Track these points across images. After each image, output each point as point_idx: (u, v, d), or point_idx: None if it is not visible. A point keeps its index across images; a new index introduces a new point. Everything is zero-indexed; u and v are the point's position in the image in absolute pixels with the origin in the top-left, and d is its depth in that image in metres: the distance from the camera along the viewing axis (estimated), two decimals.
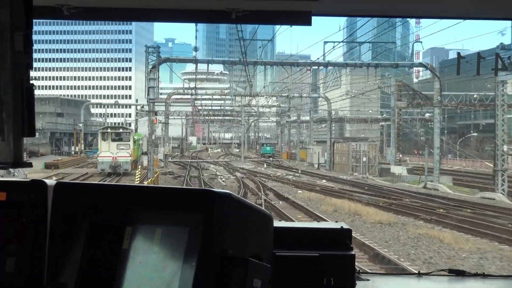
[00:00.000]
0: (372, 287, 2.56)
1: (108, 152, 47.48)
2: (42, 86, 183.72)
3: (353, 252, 2.29)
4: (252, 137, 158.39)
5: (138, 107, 51.29)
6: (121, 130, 50.69)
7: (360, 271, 2.69)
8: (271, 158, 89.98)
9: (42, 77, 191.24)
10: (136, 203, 1.77)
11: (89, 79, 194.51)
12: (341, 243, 2.29)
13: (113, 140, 48.84)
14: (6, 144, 1.37)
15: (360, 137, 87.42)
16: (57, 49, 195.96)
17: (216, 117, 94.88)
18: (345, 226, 2.36)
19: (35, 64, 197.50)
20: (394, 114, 60.62)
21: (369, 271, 4.03)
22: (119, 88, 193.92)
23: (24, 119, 1.37)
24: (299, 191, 36.10)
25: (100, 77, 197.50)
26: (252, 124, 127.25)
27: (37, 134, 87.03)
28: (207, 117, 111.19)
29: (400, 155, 61.51)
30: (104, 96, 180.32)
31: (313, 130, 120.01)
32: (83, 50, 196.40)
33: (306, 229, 2.47)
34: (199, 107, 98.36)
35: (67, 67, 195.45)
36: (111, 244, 1.75)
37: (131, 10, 2.29)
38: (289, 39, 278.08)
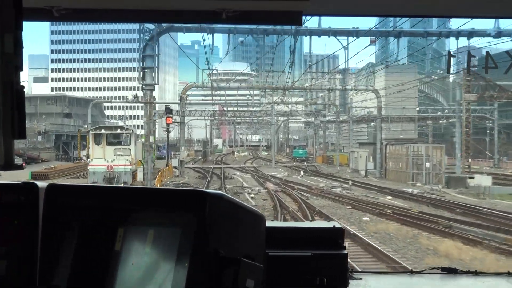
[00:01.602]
0: (365, 286, 2.56)
1: (102, 160, 35.88)
2: (61, 88, 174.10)
3: (345, 251, 2.26)
4: (281, 139, 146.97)
5: (130, 96, 39.13)
6: (119, 131, 38.97)
7: (353, 270, 2.68)
8: (305, 163, 78.05)
9: (60, 78, 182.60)
10: (128, 205, 1.75)
11: (109, 80, 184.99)
12: (334, 243, 2.27)
13: (109, 143, 37.32)
14: None
15: (408, 139, 75.54)
16: (76, 50, 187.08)
17: (242, 116, 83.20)
18: (337, 225, 2.35)
19: (58, 65, 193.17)
20: (461, 110, 48.27)
21: (362, 270, 3.62)
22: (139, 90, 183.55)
23: (14, 121, 1.35)
24: (364, 218, 24.10)
25: (122, 78, 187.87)
26: (282, 125, 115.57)
27: (39, 137, 77.93)
28: (233, 118, 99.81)
29: (470, 160, 48.98)
30: (124, 97, 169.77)
31: (346, 131, 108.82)
32: (101, 50, 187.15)
33: (299, 229, 2.49)
34: (224, 106, 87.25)
35: (85, 68, 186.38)
36: (103, 245, 1.72)
37: (121, 11, 2.26)
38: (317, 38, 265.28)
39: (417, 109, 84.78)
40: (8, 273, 1.77)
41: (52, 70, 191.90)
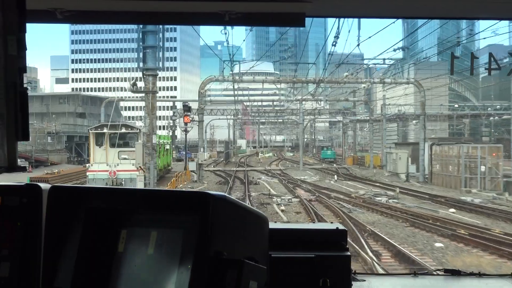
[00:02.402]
0: (368, 287, 2.55)
1: (104, 164, 30.06)
2: (81, 89, 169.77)
3: (348, 253, 2.25)
4: (306, 139, 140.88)
5: (127, 85, 33.02)
6: (123, 130, 33.05)
7: (356, 271, 2.62)
8: (334, 165, 71.87)
9: (81, 79, 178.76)
10: (132, 206, 1.74)
11: (130, 80, 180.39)
12: (337, 244, 2.26)
13: (113, 145, 31.52)
14: (0, 149, 1.37)
15: (440, 138, 69.27)
16: (96, 49, 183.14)
17: (267, 114, 77.38)
18: (340, 227, 2.33)
19: (78, 66, 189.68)
20: None
21: (365, 272, 3.64)
22: (165, 90, 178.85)
23: (18, 122, 1.36)
24: (436, 244, 17.95)
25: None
26: (308, 125, 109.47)
27: (49, 138, 72.79)
28: (256, 117, 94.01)
29: None
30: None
31: (374, 130, 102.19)
32: (123, 50, 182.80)
33: (302, 230, 2.45)
34: (247, 104, 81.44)
35: (106, 68, 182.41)
36: (106, 247, 1.72)
37: (124, 13, 2.27)
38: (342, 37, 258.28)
39: (456, 106, 77.97)
40: (11, 275, 1.74)
41: (72, 71, 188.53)
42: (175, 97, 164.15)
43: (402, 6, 2.41)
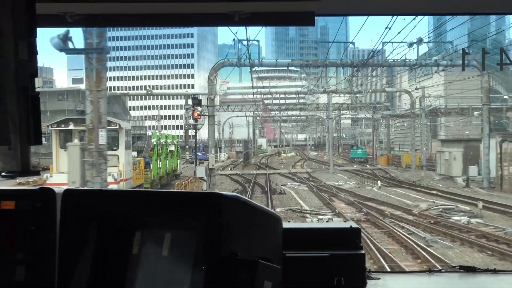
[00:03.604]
0: (383, 285, 2.55)
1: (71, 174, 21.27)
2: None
3: (362, 251, 2.22)
4: (324, 137, 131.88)
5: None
6: None
7: (370, 269, 2.58)
8: (367, 165, 62.80)
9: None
10: (145, 208, 1.74)
11: (154, 78, 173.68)
12: (351, 243, 2.22)
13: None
14: (13, 153, 1.39)
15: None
16: (111, 47, 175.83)
17: (290, 108, 68.76)
18: (354, 225, 2.31)
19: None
20: None
21: (379, 270, 3.50)
22: (182, 88, 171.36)
23: (30, 127, 1.38)
24: None
25: (163, 76, 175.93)
26: (333, 122, 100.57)
27: (44, 140, 64.59)
28: (278, 113, 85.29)
29: None
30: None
31: (396, 127, 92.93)
32: (137, 47, 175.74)
33: (315, 229, 2.45)
34: (268, 101, 72.74)
35: (119, 66, 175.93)
36: (121, 250, 1.71)
37: (133, 16, 2.28)
38: (363, 34, 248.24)
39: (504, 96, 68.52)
40: (26, 279, 1.74)
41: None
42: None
43: (415, 3, 2.36)
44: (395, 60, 38.78)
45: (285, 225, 2.00)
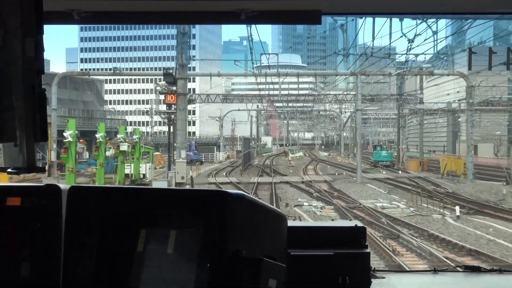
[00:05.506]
0: (388, 284, 2.52)
1: None
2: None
3: (367, 250, 2.20)
4: (337, 136, 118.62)
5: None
6: None
7: (375, 268, 2.57)
8: (400, 172, 49.73)
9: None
10: (150, 206, 1.73)
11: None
12: (356, 241, 2.21)
13: None
14: (19, 150, 1.39)
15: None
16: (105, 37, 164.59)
17: (298, 100, 56.03)
18: (359, 224, 2.30)
19: (89, 54, 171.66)
20: None
21: (384, 269, 3.36)
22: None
23: (36, 124, 1.38)
24: None
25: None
26: (349, 120, 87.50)
27: None
28: (286, 108, 72.26)
29: None
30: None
31: (411, 126, 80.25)
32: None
33: (321, 228, 2.42)
34: (276, 95, 60.00)
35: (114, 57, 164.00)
36: (126, 247, 1.70)
37: (141, 14, 2.26)
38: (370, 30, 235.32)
39: None
40: (31, 276, 1.74)
41: (81, 61, 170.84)
42: (194, 90, 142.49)
43: (424, 2, 2.34)
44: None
45: (290, 223, 2.00)
